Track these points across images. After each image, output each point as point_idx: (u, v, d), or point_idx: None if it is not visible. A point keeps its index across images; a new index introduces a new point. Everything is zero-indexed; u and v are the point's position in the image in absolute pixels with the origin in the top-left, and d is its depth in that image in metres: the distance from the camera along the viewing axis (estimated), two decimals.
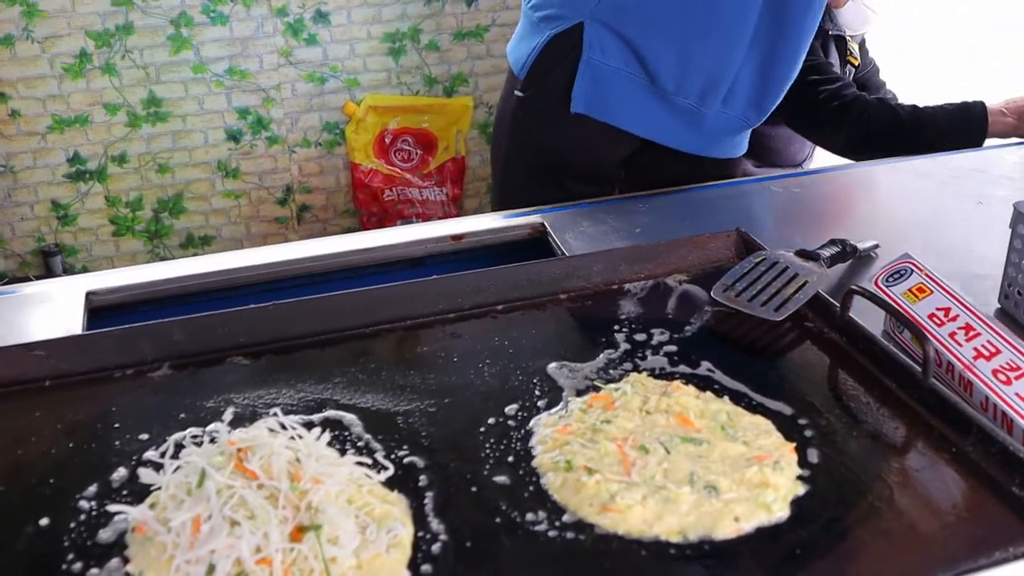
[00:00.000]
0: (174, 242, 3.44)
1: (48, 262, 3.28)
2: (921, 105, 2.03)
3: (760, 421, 0.85)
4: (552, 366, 0.98)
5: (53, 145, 3.21)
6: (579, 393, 0.93)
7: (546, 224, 1.38)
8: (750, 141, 1.73)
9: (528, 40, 1.60)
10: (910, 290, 1.07)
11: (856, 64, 2.31)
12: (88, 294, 1.21)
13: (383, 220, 3.46)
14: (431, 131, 3.46)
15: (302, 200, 3.51)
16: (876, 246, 1.29)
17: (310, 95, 3.38)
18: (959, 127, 1.95)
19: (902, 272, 1.10)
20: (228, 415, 0.88)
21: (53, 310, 1.18)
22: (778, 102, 1.60)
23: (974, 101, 1.96)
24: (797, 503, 0.79)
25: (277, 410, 0.84)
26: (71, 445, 0.89)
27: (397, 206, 3.48)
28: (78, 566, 0.74)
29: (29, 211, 3.27)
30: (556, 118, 1.57)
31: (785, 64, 1.54)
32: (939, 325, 1.01)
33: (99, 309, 1.22)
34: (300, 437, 0.80)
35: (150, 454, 0.86)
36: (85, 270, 3.30)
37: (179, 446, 0.85)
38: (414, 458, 0.85)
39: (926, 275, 1.08)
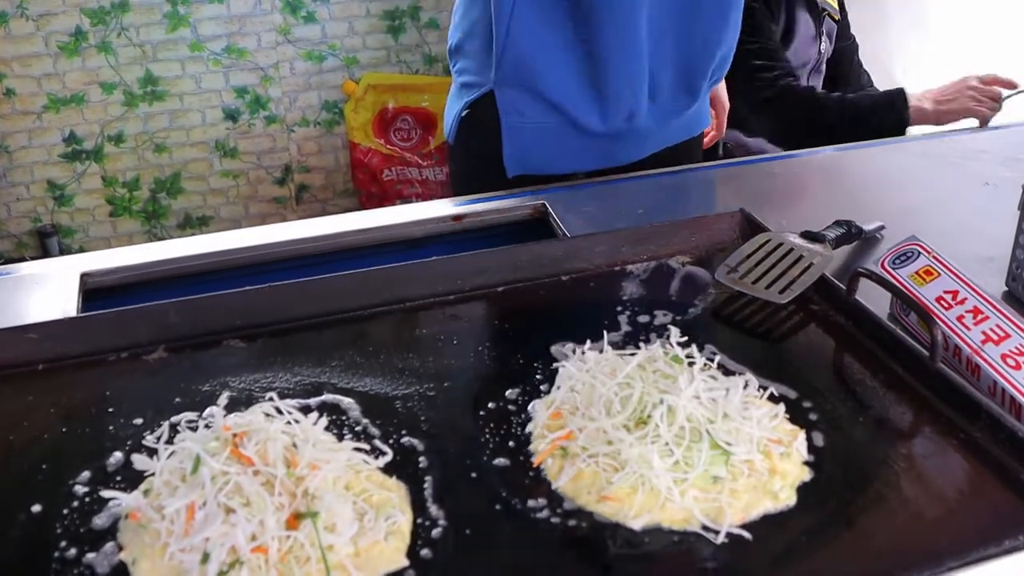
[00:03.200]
0: (171, 222, 3.42)
1: (44, 243, 3.27)
2: (848, 95, 2.04)
3: (767, 405, 0.83)
4: (554, 348, 0.96)
5: (49, 125, 3.19)
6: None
7: (547, 205, 1.36)
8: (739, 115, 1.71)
9: (453, 104, 1.59)
10: (917, 272, 1.05)
11: (836, 19, 2.29)
12: (83, 275, 1.19)
13: (382, 200, 3.44)
14: (431, 110, 3.43)
15: (301, 180, 3.48)
16: (882, 227, 1.28)
17: (308, 73, 3.35)
18: (882, 114, 1.96)
19: (909, 254, 1.08)
20: (224, 399, 0.87)
21: (47, 292, 1.16)
22: (710, 77, 1.56)
23: (896, 89, 1.98)
24: (804, 490, 0.78)
25: (273, 394, 0.82)
26: (64, 430, 0.87)
27: (396, 186, 3.45)
28: (72, 552, 0.73)
29: (25, 191, 3.25)
30: (493, 178, 1.53)
31: (701, 41, 1.49)
32: (947, 308, 0.99)
33: (94, 291, 1.20)
34: (297, 422, 0.78)
35: (145, 439, 0.85)
36: (82, 251, 3.28)
37: (174, 431, 0.83)
38: (413, 443, 0.84)
39: (933, 257, 1.06)
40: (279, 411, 0.79)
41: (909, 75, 2.77)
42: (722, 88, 1.79)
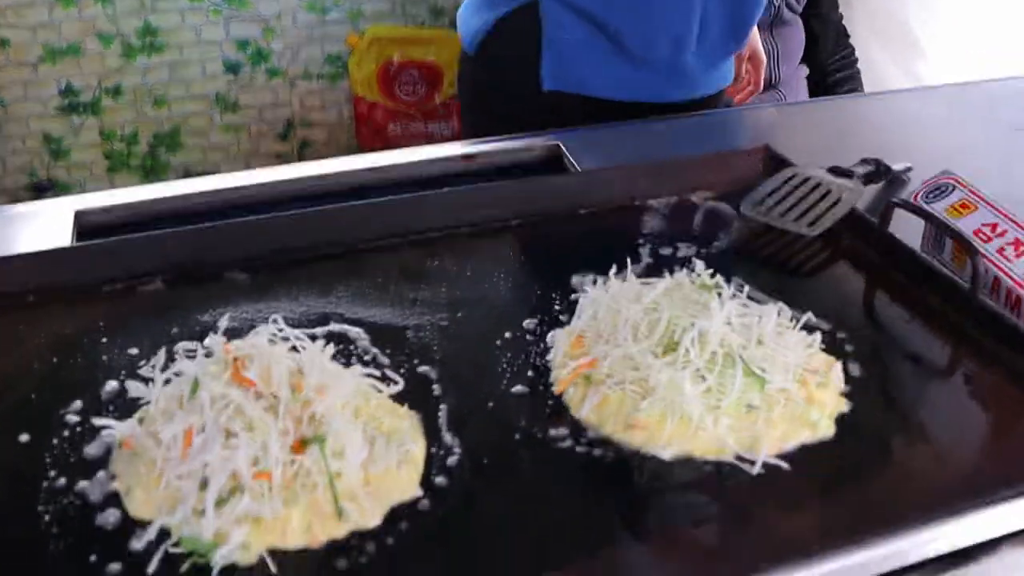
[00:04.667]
0: (171, 178, 3.35)
1: (40, 198, 3.20)
2: None
3: (801, 334, 0.78)
4: (573, 279, 0.91)
5: (44, 76, 3.11)
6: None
7: (561, 146, 1.31)
8: None
9: (482, 13, 1.51)
10: (952, 206, 1.00)
11: None
12: (77, 213, 1.14)
13: None
14: (437, 64, 3.35)
15: (303, 135, 3.42)
16: (909, 168, 1.23)
17: (311, 26, 3.28)
18: None
19: (943, 188, 1.03)
20: (223, 328, 0.82)
21: (40, 230, 1.11)
22: (755, 24, 1.51)
23: None
24: (842, 421, 0.73)
25: (277, 316, 0.77)
26: (55, 360, 0.83)
27: (401, 142, 3.39)
28: (62, 481, 0.68)
29: (20, 145, 3.18)
30: (519, 93, 1.48)
31: None
32: (986, 241, 0.94)
33: (89, 230, 1.15)
34: (304, 349, 0.73)
35: (140, 369, 0.80)
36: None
37: (171, 359, 0.78)
38: (425, 372, 0.79)
39: (970, 191, 1.01)
40: (283, 338, 0.74)
41: (927, 25, 2.70)
42: (756, 41, 1.73)
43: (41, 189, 3.20)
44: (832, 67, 2.38)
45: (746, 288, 0.85)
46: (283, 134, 3.40)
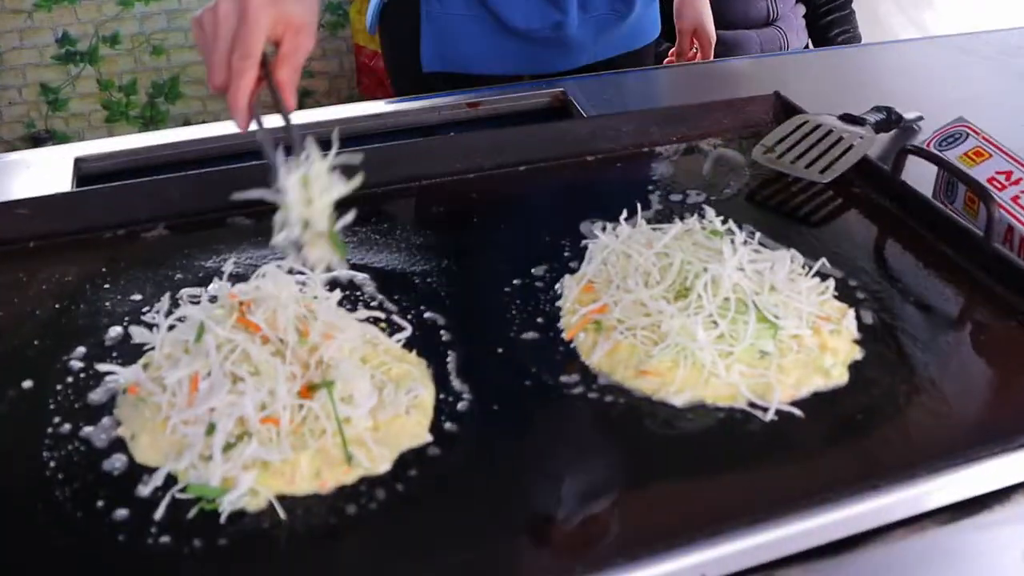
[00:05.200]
0: (170, 128, 3.33)
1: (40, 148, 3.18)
2: None
3: (815, 280, 0.77)
4: (583, 226, 0.90)
5: (40, 24, 3.07)
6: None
7: (567, 93, 1.28)
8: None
9: None
10: (966, 154, 0.98)
11: None
12: (77, 160, 1.12)
13: None
14: None
15: (303, 85, 3.36)
16: (920, 118, 1.21)
17: None
18: None
19: (956, 136, 1.01)
20: (227, 273, 0.80)
21: (40, 177, 1.09)
22: None
23: None
24: (855, 368, 0.72)
25: (281, 262, 0.75)
26: (57, 306, 0.82)
27: None
28: (66, 428, 0.68)
29: (17, 95, 3.15)
30: (409, 75, 1.43)
31: None
32: (1000, 189, 0.93)
33: (89, 177, 1.13)
34: (305, 288, 0.72)
35: (144, 315, 0.79)
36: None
37: (176, 305, 0.77)
38: (433, 318, 0.78)
39: (983, 138, 0.99)
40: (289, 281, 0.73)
41: None
42: (702, 15, 1.63)
43: (39, 140, 3.17)
44: (823, 7, 2.34)
45: (757, 235, 0.84)
46: None
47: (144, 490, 0.62)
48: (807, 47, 2.29)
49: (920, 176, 0.96)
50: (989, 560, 0.61)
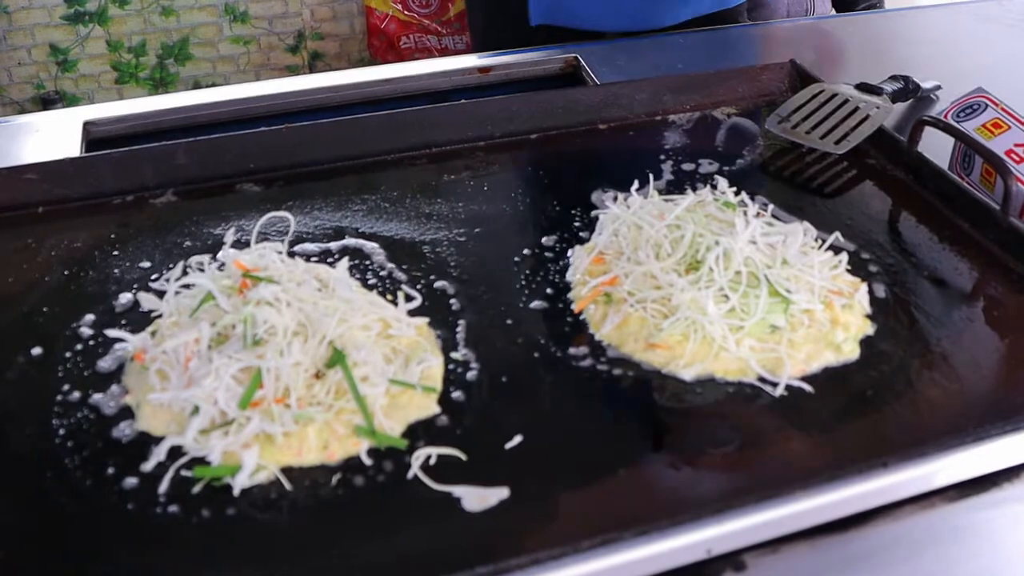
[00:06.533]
0: (180, 91, 3.30)
1: (49, 110, 3.17)
2: None
3: (828, 254, 0.76)
4: (594, 196, 0.89)
5: None
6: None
7: (580, 58, 1.27)
8: None
9: None
10: (984, 126, 0.97)
11: None
12: (86, 124, 1.11)
13: None
14: None
15: (314, 47, 3.35)
16: (938, 87, 1.19)
17: None
18: None
19: (975, 107, 1.00)
20: (231, 241, 0.80)
21: (48, 140, 1.09)
22: None
23: None
24: (867, 343, 0.72)
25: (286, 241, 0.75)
26: (66, 273, 0.82)
27: (414, 54, 3.32)
28: (75, 395, 0.68)
29: (26, 55, 3.13)
30: (518, 26, 1.42)
31: None
32: (1018, 162, 0.91)
33: (98, 141, 1.13)
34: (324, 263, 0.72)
35: (152, 282, 0.79)
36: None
37: (185, 272, 0.77)
38: (443, 287, 0.78)
39: (1002, 109, 0.98)
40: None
41: None
42: None
43: (49, 102, 3.16)
44: None
45: (770, 207, 0.83)
46: (293, 46, 3.33)
47: (147, 465, 0.61)
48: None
49: (937, 147, 0.94)
50: (999, 537, 0.60)
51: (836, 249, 0.79)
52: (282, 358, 0.62)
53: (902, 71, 1.14)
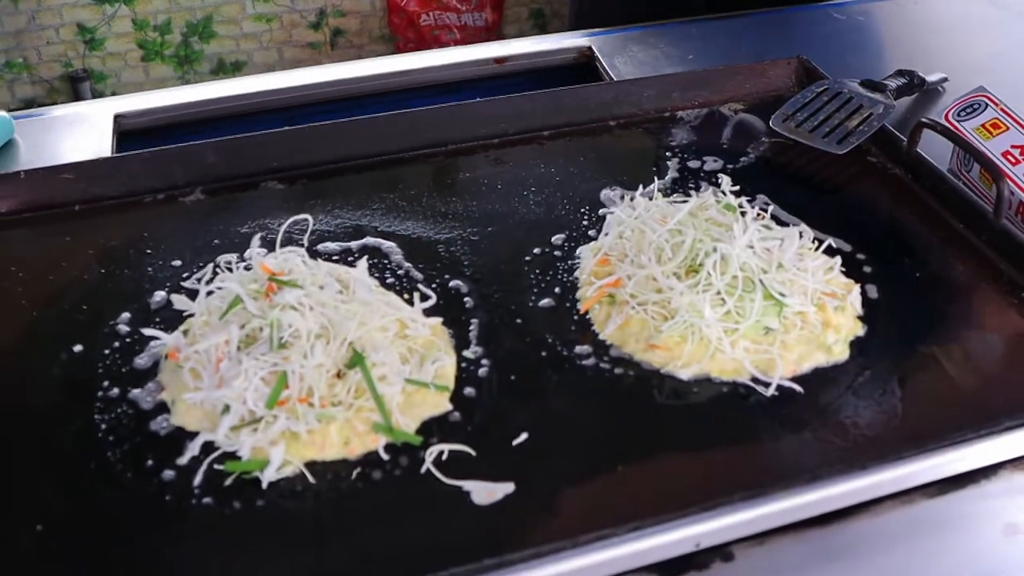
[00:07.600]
0: (204, 68, 3.35)
1: (76, 88, 3.21)
2: None
3: (822, 257, 0.80)
4: (602, 193, 0.93)
5: None
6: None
7: (594, 48, 1.30)
8: None
9: None
10: (983, 126, 1.00)
11: None
12: (117, 117, 1.16)
13: (419, 46, 3.34)
14: None
15: (335, 24, 3.38)
16: (945, 79, 1.21)
17: None
18: None
19: (975, 106, 1.02)
20: (256, 240, 0.85)
21: (81, 133, 1.13)
22: None
23: None
24: (857, 344, 0.76)
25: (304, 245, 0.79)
26: (103, 271, 0.86)
27: (434, 32, 3.35)
28: (115, 392, 0.73)
29: (55, 35, 3.18)
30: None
31: None
32: (1014, 164, 0.94)
33: (128, 133, 1.18)
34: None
35: (184, 281, 0.84)
36: (115, 96, 3.22)
37: (216, 272, 0.82)
38: (457, 286, 0.82)
39: (1002, 110, 1.00)
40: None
41: None
42: None
43: (77, 80, 3.21)
44: None
45: (771, 208, 0.87)
46: (315, 24, 3.36)
47: (183, 459, 0.67)
48: None
49: (940, 144, 0.96)
50: (974, 532, 0.64)
51: (832, 251, 0.82)
52: (306, 360, 0.67)
53: (910, 60, 1.17)
